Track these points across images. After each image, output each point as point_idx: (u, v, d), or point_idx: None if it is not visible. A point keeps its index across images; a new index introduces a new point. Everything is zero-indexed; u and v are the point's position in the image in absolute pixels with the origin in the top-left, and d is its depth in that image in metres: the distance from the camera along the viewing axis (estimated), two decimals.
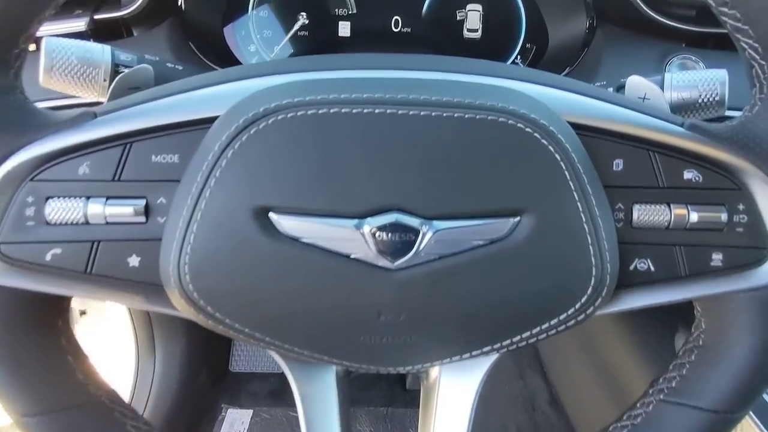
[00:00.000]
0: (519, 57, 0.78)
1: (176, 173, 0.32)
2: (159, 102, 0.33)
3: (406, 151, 0.30)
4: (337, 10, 0.76)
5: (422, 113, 0.30)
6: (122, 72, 0.44)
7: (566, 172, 0.30)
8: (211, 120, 0.32)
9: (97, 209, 0.31)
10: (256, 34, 0.76)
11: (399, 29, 0.77)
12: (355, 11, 0.76)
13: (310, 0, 0.76)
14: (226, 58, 0.73)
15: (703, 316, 0.38)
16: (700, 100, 0.45)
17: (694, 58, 0.66)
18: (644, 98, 0.42)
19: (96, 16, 0.63)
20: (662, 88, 0.47)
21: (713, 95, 0.45)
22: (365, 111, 0.30)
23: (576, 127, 0.33)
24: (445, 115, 0.30)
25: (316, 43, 0.77)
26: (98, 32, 0.65)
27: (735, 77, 0.46)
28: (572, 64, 0.71)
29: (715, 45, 0.70)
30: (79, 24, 0.62)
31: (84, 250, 0.32)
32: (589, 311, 0.32)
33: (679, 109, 0.47)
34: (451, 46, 0.78)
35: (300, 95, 0.30)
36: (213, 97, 0.33)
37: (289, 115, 0.30)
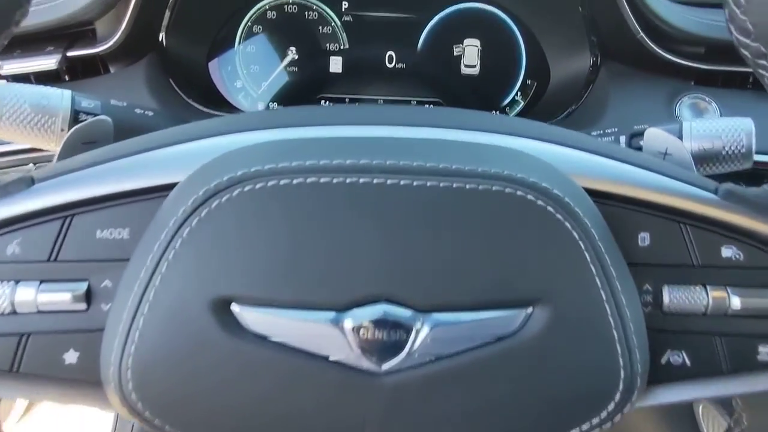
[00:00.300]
0: (519, 93, 0.74)
1: (125, 251, 0.27)
2: (108, 166, 0.28)
3: (396, 229, 0.25)
4: (328, 44, 0.72)
5: (415, 183, 0.25)
6: (84, 120, 0.40)
7: (586, 253, 0.26)
8: (168, 188, 0.27)
9: (28, 295, 0.26)
10: (242, 70, 0.72)
11: (393, 65, 0.73)
12: (347, 46, 0.73)
13: (299, 34, 0.72)
14: (210, 96, 0.69)
15: (745, 411, 0.32)
16: (723, 152, 0.41)
17: (706, 98, 0.63)
18: (665, 154, 0.37)
19: (69, 53, 0.59)
20: (680, 137, 0.43)
21: (738, 146, 0.41)
22: (348, 181, 0.25)
23: (593, 194, 0.28)
24: (442, 185, 0.25)
25: (306, 78, 0.73)
26: (73, 70, 0.61)
27: (755, 119, 0.42)
28: (576, 102, 0.68)
29: (723, 82, 0.66)
30: (50, 62, 0.58)
31: (9, 344, 0.26)
32: (616, 418, 0.26)
33: (700, 160, 0.42)
34: (448, 82, 0.74)
35: (271, 160, 0.26)
36: (170, 159, 0.28)
37: (257, 186, 0.25)
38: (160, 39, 0.63)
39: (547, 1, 0.68)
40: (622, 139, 0.47)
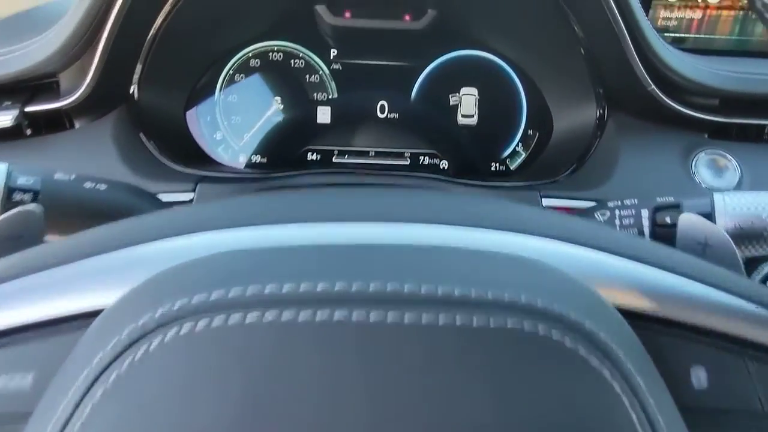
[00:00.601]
0: (520, 144, 0.69)
1: (26, 404, 0.20)
2: (8, 286, 0.22)
3: (382, 390, 0.19)
4: (316, 94, 0.68)
5: (406, 320, 0.19)
6: (18, 200, 0.34)
7: (631, 413, 0.19)
8: (87, 317, 0.21)
9: None
10: (223, 121, 0.67)
11: (386, 114, 0.68)
12: (336, 95, 0.68)
13: (285, 83, 0.67)
14: (187, 150, 0.64)
15: None
16: (766, 234, 0.35)
17: (727, 155, 0.58)
18: (705, 245, 0.32)
19: (29, 108, 0.54)
20: (712, 212, 0.38)
21: None
22: (318, 318, 0.19)
23: (630, 315, 0.22)
24: (441, 323, 0.19)
25: (292, 129, 0.68)
26: (35, 125, 0.56)
27: None
28: (583, 155, 0.63)
29: (738, 135, 0.62)
30: (6, 118, 0.52)
31: None
32: None
33: (737, 240, 0.37)
34: (444, 133, 0.69)
35: (219, 285, 0.19)
36: (91, 275, 0.22)
37: (198, 326, 0.19)
38: (130, 91, 0.58)
39: (549, 49, 0.64)
40: (645, 213, 0.41)
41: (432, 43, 0.66)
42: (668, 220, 0.39)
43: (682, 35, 0.70)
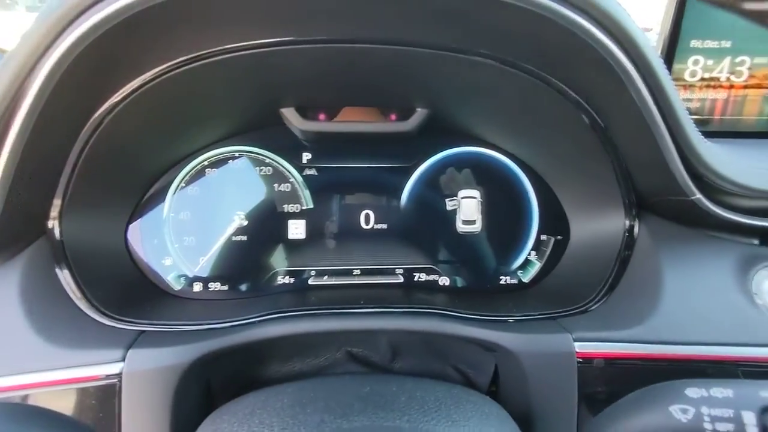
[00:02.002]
0: (533, 252, 0.58)
1: None
2: None
3: None
4: (286, 206, 0.56)
5: None
6: None
7: None
8: None
9: None
10: (173, 243, 0.55)
11: (371, 226, 0.57)
12: (310, 206, 0.57)
13: (249, 194, 0.56)
14: (123, 289, 0.51)
15: None
16: None
17: None
18: None
19: None
20: None
21: None
22: None
23: None
24: None
25: (259, 249, 0.56)
26: None
27: None
28: (616, 274, 0.51)
29: None
30: None
31: None
32: None
33: None
34: (442, 244, 0.58)
35: None
36: None
37: None
38: (49, 225, 0.46)
39: (564, 148, 0.53)
40: (750, 416, 0.29)
41: (423, 142, 0.56)
42: None
43: (706, 117, 0.61)
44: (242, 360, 0.49)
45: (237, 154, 0.56)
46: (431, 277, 0.58)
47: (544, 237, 0.58)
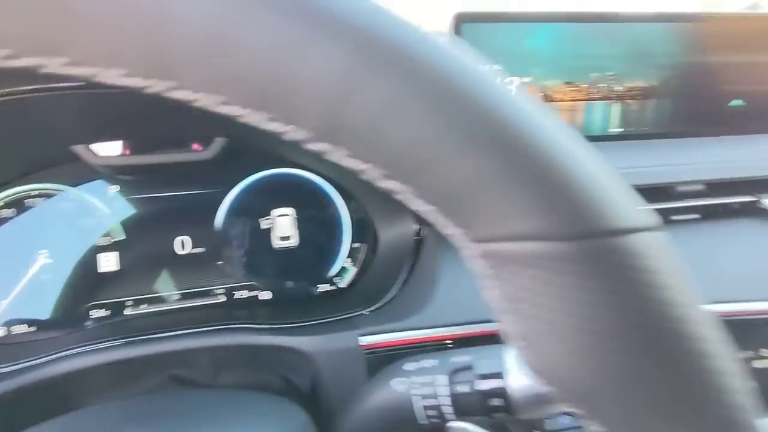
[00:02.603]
0: (348, 259, 0.64)
1: None
2: None
3: None
4: (94, 240, 0.57)
5: None
6: None
7: None
8: None
9: None
10: None
11: (188, 251, 0.59)
12: (122, 237, 0.57)
13: (52, 230, 0.56)
14: None
15: None
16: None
17: None
18: None
19: None
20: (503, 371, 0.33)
21: None
22: None
23: None
24: None
25: (69, 286, 0.56)
26: None
27: None
28: (408, 262, 0.58)
29: None
30: None
31: None
32: None
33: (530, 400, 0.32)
34: (259, 260, 0.61)
35: None
36: None
37: None
38: None
39: None
40: (442, 378, 0.35)
41: (232, 167, 0.59)
42: (467, 388, 0.33)
43: None
44: (52, 399, 0.48)
45: (35, 192, 0.55)
46: (253, 293, 0.61)
47: (356, 245, 0.64)
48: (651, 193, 0.62)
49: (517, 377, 0.32)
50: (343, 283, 0.63)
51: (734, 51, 0.73)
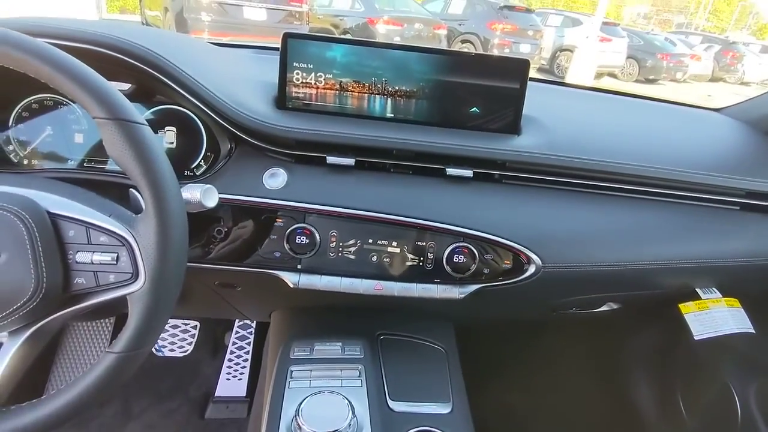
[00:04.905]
0: (202, 160, 1.14)
1: None
2: None
3: None
4: (74, 126, 1.12)
5: None
6: None
7: None
8: None
9: None
10: (14, 139, 1.10)
11: None
12: (86, 127, 1.12)
13: (54, 119, 1.12)
14: None
15: None
16: None
17: None
18: None
19: None
20: None
21: None
22: None
23: None
24: None
25: (59, 147, 1.11)
26: None
27: None
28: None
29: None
30: None
31: None
32: None
33: None
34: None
35: None
36: None
37: None
38: None
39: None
40: None
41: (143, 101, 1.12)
42: None
43: (308, 102, 1.19)
44: None
45: (48, 97, 1.12)
46: None
47: (209, 154, 1.15)
48: (383, 153, 1.08)
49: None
50: (199, 172, 1.14)
51: (471, 76, 1.16)
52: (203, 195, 0.82)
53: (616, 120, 1.34)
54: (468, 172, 1.08)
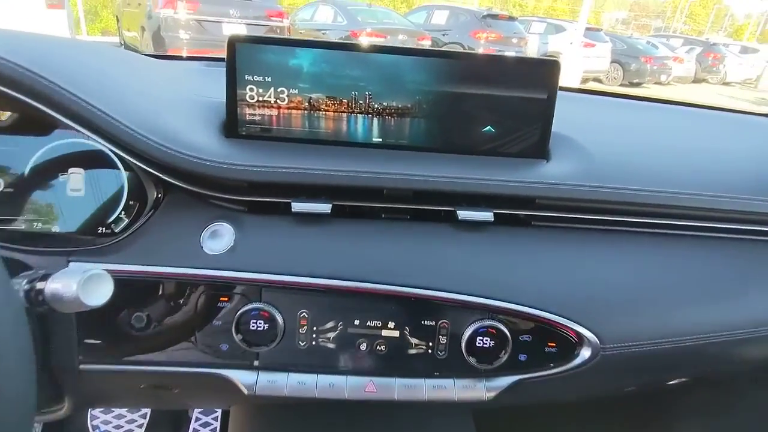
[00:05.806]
0: (123, 212, 0.83)
1: None
2: None
3: None
4: None
5: None
6: None
7: None
8: None
9: None
10: None
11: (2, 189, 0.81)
12: None
13: None
14: None
15: None
16: None
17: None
18: None
19: None
20: None
21: None
22: None
23: None
24: None
25: None
26: None
27: None
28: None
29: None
30: None
31: None
32: None
33: None
34: (55, 204, 0.82)
35: None
36: None
37: None
38: None
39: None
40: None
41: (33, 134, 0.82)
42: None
43: (266, 126, 0.89)
44: None
45: None
46: (46, 227, 0.82)
47: (131, 202, 0.83)
48: (370, 193, 0.78)
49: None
50: (118, 228, 0.83)
51: (483, 85, 0.86)
52: (82, 288, 0.51)
53: (661, 134, 1.06)
54: (488, 215, 0.78)
